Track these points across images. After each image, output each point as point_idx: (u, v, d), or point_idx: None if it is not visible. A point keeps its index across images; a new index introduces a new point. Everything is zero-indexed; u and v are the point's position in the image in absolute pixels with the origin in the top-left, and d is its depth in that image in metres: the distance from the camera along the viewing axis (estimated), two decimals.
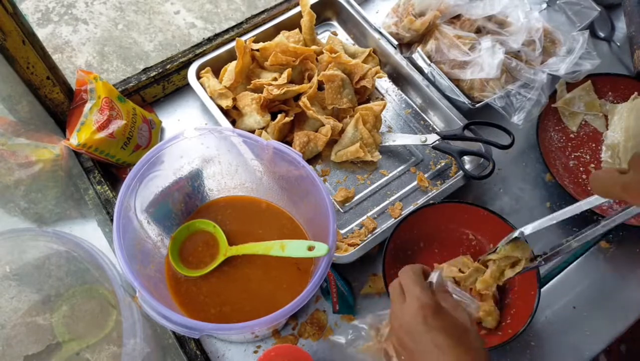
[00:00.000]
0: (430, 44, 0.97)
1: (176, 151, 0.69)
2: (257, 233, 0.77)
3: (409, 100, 1.00)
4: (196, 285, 0.73)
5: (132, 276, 0.59)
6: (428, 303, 0.55)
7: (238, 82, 0.92)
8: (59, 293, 0.76)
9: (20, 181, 0.77)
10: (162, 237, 0.75)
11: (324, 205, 0.66)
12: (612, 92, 1.01)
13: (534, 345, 0.80)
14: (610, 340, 0.81)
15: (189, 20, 1.84)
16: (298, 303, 0.60)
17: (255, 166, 0.76)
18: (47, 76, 0.81)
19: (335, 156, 0.92)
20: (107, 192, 0.83)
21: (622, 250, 0.89)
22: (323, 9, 1.06)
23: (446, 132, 0.91)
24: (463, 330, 0.55)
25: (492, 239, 0.84)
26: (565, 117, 0.99)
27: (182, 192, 0.76)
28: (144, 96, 0.96)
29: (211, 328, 0.59)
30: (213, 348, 0.78)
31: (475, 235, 0.85)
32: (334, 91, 0.91)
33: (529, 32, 0.95)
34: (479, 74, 0.91)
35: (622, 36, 1.12)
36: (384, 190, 0.91)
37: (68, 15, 1.83)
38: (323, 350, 0.79)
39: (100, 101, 0.82)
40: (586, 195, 0.90)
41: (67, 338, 0.74)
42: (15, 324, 0.72)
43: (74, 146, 0.80)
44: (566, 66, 0.92)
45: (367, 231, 0.85)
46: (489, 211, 0.82)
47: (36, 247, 0.73)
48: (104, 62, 1.73)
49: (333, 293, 0.78)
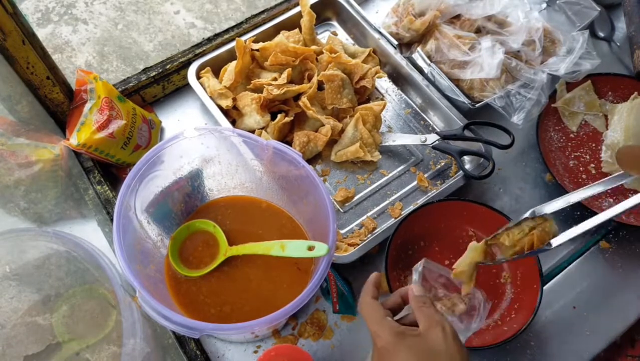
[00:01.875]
0: (430, 44, 0.97)
1: (176, 151, 0.69)
2: (257, 233, 0.77)
3: (409, 100, 1.00)
4: (196, 285, 0.73)
5: (132, 276, 0.59)
6: (385, 339, 0.52)
7: (238, 82, 0.92)
8: (59, 293, 0.76)
9: (20, 181, 0.77)
10: (162, 237, 0.75)
11: (324, 205, 0.66)
12: (612, 92, 1.01)
13: (533, 344, 0.80)
14: (610, 340, 0.82)
15: (189, 20, 1.84)
16: (298, 303, 0.59)
17: (255, 165, 0.76)
18: (47, 76, 0.81)
19: (335, 156, 0.92)
20: (107, 192, 0.83)
21: (622, 250, 0.89)
22: (323, 9, 1.06)
23: (446, 132, 0.91)
24: (431, 354, 0.51)
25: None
26: (565, 117, 0.99)
27: (182, 192, 0.76)
28: (144, 96, 0.96)
29: (211, 328, 0.59)
30: (213, 348, 0.78)
31: (475, 232, 0.85)
32: (334, 91, 0.91)
33: (529, 32, 0.95)
34: (479, 74, 0.91)
35: (622, 36, 1.12)
36: (384, 190, 0.91)
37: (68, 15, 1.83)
38: (323, 350, 0.79)
39: (100, 101, 0.82)
40: None
41: (67, 338, 0.74)
42: (15, 324, 0.72)
43: (74, 146, 0.80)
44: (566, 66, 0.92)
45: (367, 231, 0.85)
46: (489, 208, 0.82)
47: (36, 247, 0.73)
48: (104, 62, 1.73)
49: (333, 293, 0.78)
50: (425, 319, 0.54)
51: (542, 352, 0.80)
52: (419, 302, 0.56)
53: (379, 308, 0.56)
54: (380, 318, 0.55)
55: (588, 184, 0.92)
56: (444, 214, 0.84)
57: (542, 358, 0.80)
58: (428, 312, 0.55)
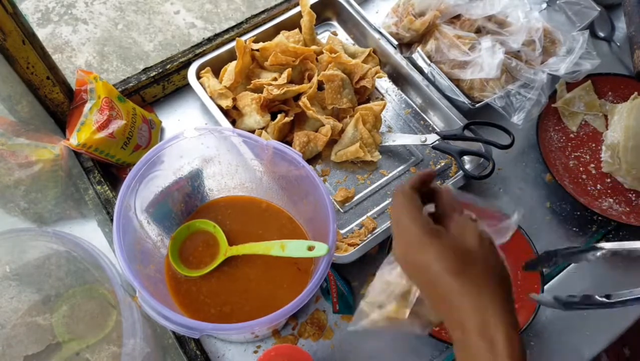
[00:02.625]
0: (430, 44, 0.97)
1: (176, 151, 0.69)
2: (257, 233, 0.77)
3: (409, 100, 1.00)
4: (196, 285, 0.73)
5: (132, 276, 0.59)
6: (416, 233, 0.47)
7: (238, 82, 0.92)
8: (59, 293, 0.76)
9: (20, 181, 0.77)
10: (162, 237, 0.75)
11: (324, 205, 0.66)
12: (612, 92, 1.01)
13: (533, 344, 0.80)
14: (610, 340, 0.81)
15: (189, 20, 1.84)
16: (298, 303, 0.60)
17: (255, 166, 0.76)
18: (47, 76, 0.81)
19: (335, 156, 0.92)
20: (107, 192, 0.83)
21: None
22: (323, 9, 1.06)
23: (446, 132, 0.91)
24: (465, 254, 0.46)
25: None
26: (565, 117, 0.99)
27: (182, 192, 0.76)
28: (144, 96, 0.96)
29: (211, 328, 0.59)
30: (213, 348, 0.78)
31: None
32: (334, 91, 0.91)
33: (529, 32, 0.95)
34: (479, 74, 0.91)
35: (622, 36, 1.12)
36: (384, 190, 0.91)
37: (68, 15, 1.83)
38: (323, 350, 0.79)
39: (100, 101, 0.82)
40: (586, 195, 0.91)
41: (67, 338, 0.74)
42: (15, 324, 0.72)
43: (74, 146, 0.80)
44: (566, 66, 0.92)
45: (367, 231, 0.85)
46: None
47: (36, 247, 0.73)
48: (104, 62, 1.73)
49: (333, 293, 0.78)
50: (459, 223, 0.49)
51: (542, 352, 0.80)
52: (451, 207, 0.51)
53: (416, 200, 0.50)
54: (416, 210, 0.49)
55: (588, 185, 0.93)
56: None
57: (542, 358, 0.80)
58: (462, 218, 0.49)
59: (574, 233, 0.90)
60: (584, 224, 0.91)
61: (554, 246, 0.88)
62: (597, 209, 0.87)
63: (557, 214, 0.92)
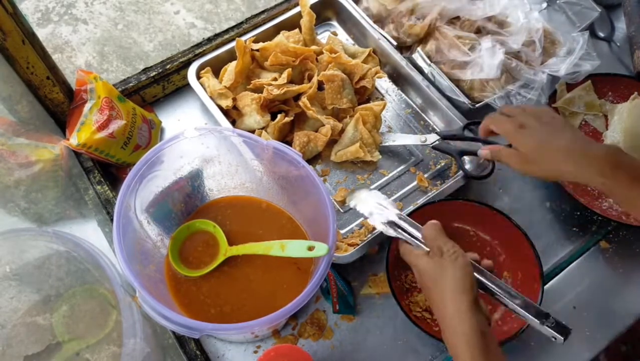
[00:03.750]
0: (430, 44, 0.97)
1: (176, 151, 0.69)
2: (257, 233, 0.77)
3: (409, 100, 1.00)
4: (196, 285, 0.73)
5: (132, 276, 0.59)
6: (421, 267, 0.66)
7: (238, 82, 0.92)
8: (59, 293, 0.76)
9: (20, 181, 0.77)
10: (162, 237, 0.75)
11: (324, 205, 0.66)
12: (612, 92, 1.01)
13: (533, 345, 0.80)
14: (610, 340, 0.81)
15: (189, 20, 1.84)
16: (298, 303, 0.60)
17: (255, 166, 0.76)
18: (47, 76, 0.81)
19: (335, 156, 0.92)
20: (107, 192, 0.83)
21: (622, 250, 0.89)
22: (323, 9, 1.06)
23: (446, 132, 0.91)
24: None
25: (493, 235, 0.84)
26: (566, 117, 0.99)
27: (182, 192, 0.76)
28: (144, 96, 0.96)
29: (211, 328, 0.59)
30: (213, 348, 0.78)
31: (476, 232, 0.85)
32: (334, 91, 0.91)
33: (529, 32, 0.95)
34: (479, 74, 0.91)
35: (622, 36, 1.12)
36: (384, 190, 0.91)
37: (68, 15, 1.83)
38: (323, 350, 0.79)
39: (100, 101, 0.82)
40: (586, 195, 0.91)
41: (67, 338, 0.74)
42: (15, 324, 0.72)
43: (74, 146, 0.80)
44: (566, 67, 0.92)
45: (367, 231, 0.85)
46: (490, 208, 0.82)
47: (36, 247, 0.73)
48: (104, 62, 1.73)
49: (333, 293, 0.78)
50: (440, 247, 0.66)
51: (542, 352, 0.80)
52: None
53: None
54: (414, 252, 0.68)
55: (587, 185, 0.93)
56: (444, 214, 0.83)
57: (542, 358, 0.80)
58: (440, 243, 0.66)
59: (574, 233, 0.90)
60: (584, 224, 0.91)
61: (554, 246, 0.89)
62: (597, 209, 0.87)
63: (557, 214, 0.92)
